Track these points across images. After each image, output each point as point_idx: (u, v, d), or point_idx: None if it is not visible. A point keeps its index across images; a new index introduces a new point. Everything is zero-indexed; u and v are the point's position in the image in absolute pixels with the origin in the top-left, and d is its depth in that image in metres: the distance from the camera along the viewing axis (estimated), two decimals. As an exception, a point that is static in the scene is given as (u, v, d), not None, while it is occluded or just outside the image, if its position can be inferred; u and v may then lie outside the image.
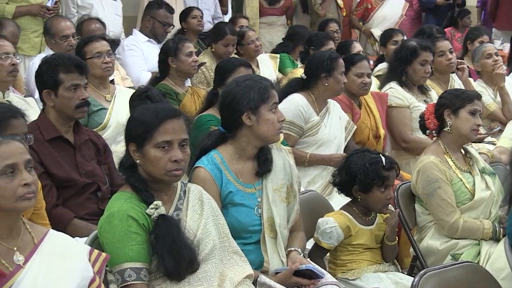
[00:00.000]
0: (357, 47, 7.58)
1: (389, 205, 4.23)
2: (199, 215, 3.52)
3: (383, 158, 4.18)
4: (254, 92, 3.84)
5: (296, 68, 7.90)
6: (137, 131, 3.41)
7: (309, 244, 4.27)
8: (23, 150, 3.00)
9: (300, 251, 3.94)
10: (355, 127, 5.90)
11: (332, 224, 4.16)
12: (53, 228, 3.36)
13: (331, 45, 7.66)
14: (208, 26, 8.92)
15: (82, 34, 7.09)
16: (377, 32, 10.02)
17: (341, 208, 4.31)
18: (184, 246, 3.34)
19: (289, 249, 3.93)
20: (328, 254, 4.28)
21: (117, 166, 3.91)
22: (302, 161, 5.54)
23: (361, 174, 4.16)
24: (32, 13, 7.61)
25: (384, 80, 6.58)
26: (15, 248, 3.00)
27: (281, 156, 4.03)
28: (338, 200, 4.56)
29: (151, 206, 3.36)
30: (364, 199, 4.21)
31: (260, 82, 3.91)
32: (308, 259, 4.02)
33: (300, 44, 8.43)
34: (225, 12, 10.15)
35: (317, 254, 4.22)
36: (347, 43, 7.85)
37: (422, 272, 3.67)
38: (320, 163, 5.57)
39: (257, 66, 7.94)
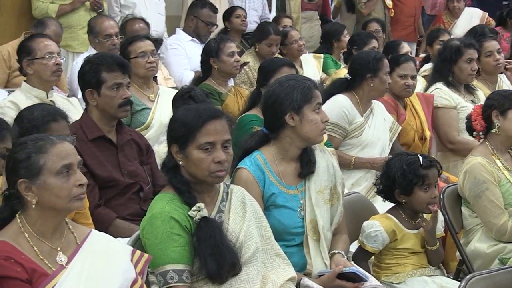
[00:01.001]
0: (406, 48, 7.49)
1: (434, 206, 4.16)
2: (242, 217, 3.50)
3: (420, 158, 4.12)
4: (297, 92, 3.81)
5: (339, 69, 7.84)
6: (180, 132, 3.39)
7: (353, 247, 4.24)
8: (75, 151, 3.05)
9: (343, 254, 3.90)
10: (400, 128, 5.83)
11: (377, 227, 4.10)
12: (95, 228, 3.40)
13: (374, 43, 7.58)
14: (254, 26, 8.89)
15: (126, 33, 7.12)
16: None
17: (387, 211, 4.26)
18: (226, 249, 3.32)
19: (332, 251, 3.89)
20: (372, 257, 4.22)
21: (159, 167, 3.90)
22: (347, 164, 5.48)
23: (400, 176, 4.11)
24: (76, 8, 7.66)
25: (430, 81, 6.51)
26: (58, 248, 3.02)
27: (325, 158, 3.99)
28: (383, 202, 4.49)
29: (194, 208, 3.34)
30: (409, 202, 4.15)
31: (303, 82, 3.87)
32: (352, 262, 3.98)
33: (335, 41, 8.39)
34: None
35: (362, 257, 4.17)
36: (395, 43, 7.76)
37: (468, 276, 3.61)
38: (365, 167, 5.51)
39: (301, 66, 7.90)
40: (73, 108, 5.43)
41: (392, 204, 4.27)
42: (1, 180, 3.64)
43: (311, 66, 8.03)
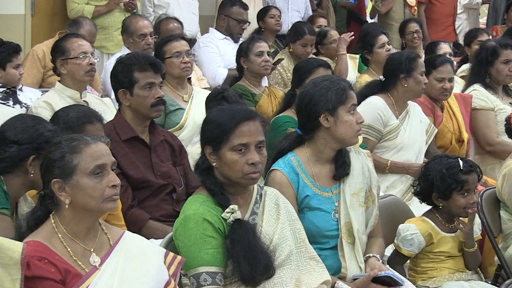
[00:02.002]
0: (444, 48, 7.41)
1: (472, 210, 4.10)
2: (276, 219, 3.48)
3: (461, 162, 4.06)
4: (332, 93, 3.77)
5: (362, 73, 7.78)
6: (213, 134, 3.38)
7: (388, 251, 4.19)
8: (109, 151, 3.05)
9: (379, 257, 3.86)
10: (436, 130, 5.77)
11: (413, 231, 4.05)
12: (128, 229, 3.40)
13: (384, 39, 7.48)
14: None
15: (160, 33, 7.13)
16: None
17: (423, 214, 4.20)
18: (260, 252, 3.30)
19: (367, 255, 3.84)
20: (408, 261, 4.17)
21: (192, 168, 3.89)
22: (382, 168, 5.43)
23: (438, 180, 4.06)
24: (111, 9, 7.68)
25: (468, 82, 6.46)
26: (92, 249, 3.03)
27: (360, 159, 3.95)
28: (418, 205, 4.44)
29: (227, 210, 3.32)
30: (446, 206, 4.09)
31: (338, 82, 3.84)
32: (387, 266, 3.94)
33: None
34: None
35: (397, 260, 4.12)
36: (433, 43, 7.67)
37: (507, 281, 3.60)
38: (400, 172, 5.46)
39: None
40: (107, 108, 5.44)
41: (429, 207, 4.21)
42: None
43: (346, 67, 7.99)
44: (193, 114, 5.54)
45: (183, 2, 8.46)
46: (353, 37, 7.99)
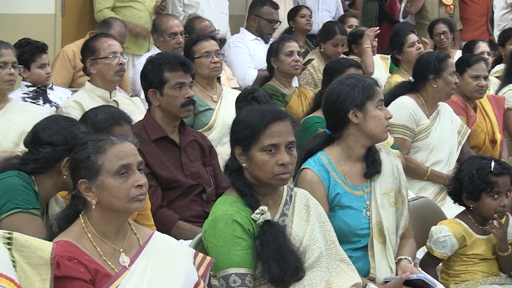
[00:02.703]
0: (482, 47, 7.33)
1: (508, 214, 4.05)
2: (306, 221, 3.46)
3: (493, 163, 4.02)
4: (358, 89, 3.77)
5: (393, 73, 7.73)
6: (243, 134, 3.36)
7: (419, 253, 4.15)
8: (136, 151, 3.05)
9: (410, 260, 3.82)
10: (469, 130, 5.72)
11: (446, 233, 4.01)
12: (157, 230, 3.40)
13: (414, 38, 7.42)
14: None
15: (190, 32, 7.13)
16: None
17: (456, 216, 4.16)
18: (289, 253, 3.28)
19: (399, 257, 3.81)
20: (440, 264, 4.13)
21: (222, 168, 3.87)
22: (421, 175, 5.41)
23: (467, 180, 4.03)
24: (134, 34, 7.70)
25: (502, 82, 6.40)
26: (121, 250, 3.04)
27: (390, 160, 3.93)
28: (451, 207, 4.40)
29: (257, 211, 3.31)
30: (476, 207, 4.05)
31: (363, 79, 3.84)
32: (419, 268, 3.91)
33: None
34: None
35: (429, 263, 4.08)
36: (471, 42, 7.60)
37: (544, 286, 3.50)
38: (438, 181, 5.42)
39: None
40: (136, 108, 5.45)
41: (461, 209, 4.17)
42: None
43: (378, 67, 7.93)
44: (223, 114, 5.54)
45: (213, 2, 8.47)
46: (378, 31, 7.95)
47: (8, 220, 3.40)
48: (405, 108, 5.42)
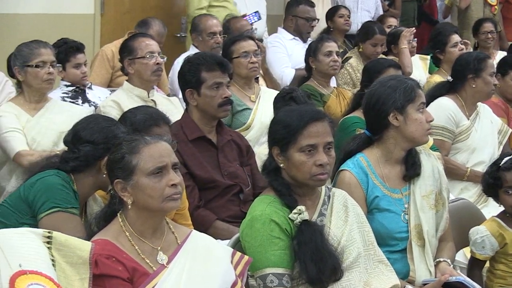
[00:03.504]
0: None
1: None
2: (344, 221, 3.44)
3: (505, 159, 3.99)
4: (399, 92, 3.74)
5: (433, 73, 7.67)
6: (281, 135, 3.36)
7: (459, 256, 4.14)
8: (171, 151, 3.06)
9: (449, 262, 3.79)
10: (511, 130, 5.66)
11: (483, 233, 3.97)
12: (195, 230, 3.38)
13: (457, 38, 7.35)
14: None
15: (229, 32, 7.14)
16: None
17: (495, 215, 4.11)
18: (327, 253, 3.26)
19: (438, 259, 3.78)
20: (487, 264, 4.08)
21: (259, 168, 3.87)
22: (461, 175, 5.37)
23: (483, 179, 4.06)
24: None
25: None
26: (159, 248, 3.04)
27: (430, 161, 3.90)
28: (495, 207, 4.34)
29: (295, 211, 3.30)
30: (503, 205, 4.02)
31: (405, 81, 3.81)
32: (459, 271, 3.88)
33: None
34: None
35: (474, 266, 4.03)
36: None
37: None
38: (479, 181, 5.33)
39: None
40: (174, 107, 5.47)
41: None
42: None
43: (417, 67, 7.87)
44: (260, 114, 5.52)
45: (250, 2, 8.49)
46: (415, 30, 7.90)
47: (47, 219, 3.43)
48: (444, 109, 5.37)
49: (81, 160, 3.57)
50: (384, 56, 7.38)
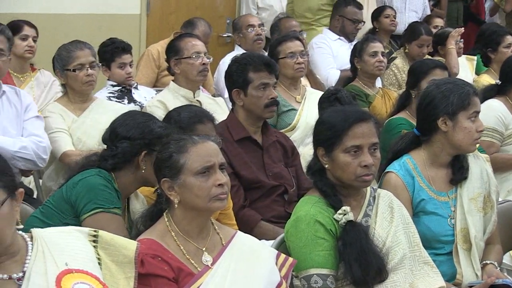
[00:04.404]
0: None
1: None
2: (389, 222, 3.42)
3: None
4: (454, 97, 3.69)
5: (480, 74, 7.59)
6: (326, 135, 3.35)
7: (506, 258, 4.05)
8: (218, 151, 3.07)
9: (496, 265, 3.76)
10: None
11: None
12: (239, 230, 3.41)
13: (510, 39, 7.24)
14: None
15: (277, 31, 7.16)
16: None
17: None
18: (372, 254, 3.24)
19: (484, 262, 3.75)
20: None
21: (304, 169, 3.86)
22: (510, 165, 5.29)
23: None
24: None
25: None
26: (204, 248, 3.05)
27: (478, 164, 3.86)
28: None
29: (339, 211, 3.28)
30: None
31: (462, 87, 3.75)
32: (505, 274, 3.83)
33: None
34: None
35: None
36: None
37: None
38: None
39: (452, 68, 7.70)
40: (219, 108, 5.48)
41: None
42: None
43: (463, 68, 7.80)
44: (306, 115, 5.52)
45: (284, 3, 8.52)
46: (463, 31, 7.82)
47: (90, 220, 3.44)
48: (493, 111, 5.29)
49: (119, 157, 3.58)
50: (430, 57, 7.33)
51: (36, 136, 4.55)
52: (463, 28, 8.00)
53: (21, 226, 2.58)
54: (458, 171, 3.77)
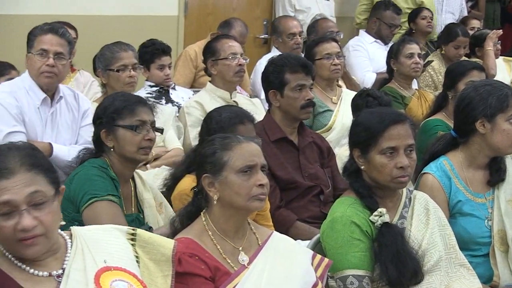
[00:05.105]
0: None
1: None
2: (425, 224, 3.41)
3: None
4: (492, 99, 3.67)
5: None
6: (362, 137, 3.35)
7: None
8: (261, 153, 3.10)
9: (534, 266, 3.73)
10: None
11: None
12: (275, 230, 3.42)
13: None
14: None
15: (314, 32, 7.16)
16: None
17: None
18: (408, 256, 3.24)
19: (521, 263, 3.73)
20: None
21: (340, 170, 3.86)
22: None
23: None
24: None
25: None
26: (240, 248, 3.07)
27: (515, 165, 3.84)
28: None
29: (375, 213, 3.29)
30: None
31: (500, 89, 3.73)
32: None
33: None
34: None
35: None
36: None
37: None
38: None
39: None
40: (255, 108, 5.49)
41: None
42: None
43: (500, 69, 7.75)
44: (342, 116, 5.52)
45: (322, 5, 8.55)
46: (501, 32, 7.77)
47: (87, 211, 3.52)
48: None
49: (94, 143, 3.72)
50: (466, 59, 7.29)
51: (91, 145, 4.62)
52: (501, 30, 7.96)
53: (64, 223, 2.63)
54: (495, 173, 3.75)
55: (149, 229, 3.50)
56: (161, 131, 3.88)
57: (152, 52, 5.92)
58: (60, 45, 4.53)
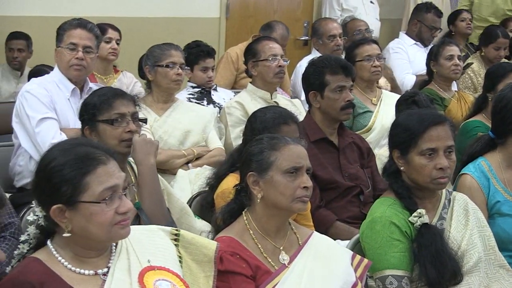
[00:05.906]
0: None
1: None
2: (464, 225, 3.42)
3: None
4: None
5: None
6: (401, 138, 3.37)
7: None
8: (307, 156, 3.11)
9: None
10: None
11: None
12: (315, 230, 3.45)
13: None
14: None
15: (347, 33, 7.17)
16: None
17: None
18: (447, 257, 3.25)
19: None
20: None
21: (379, 170, 3.87)
22: None
23: None
24: None
25: None
26: (281, 248, 3.09)
27: (554, 167, 3.83)
28: None
29: (415, 214, 3.30)
30: None
31: None
32: None
33: None
34: None
35: None
36: None
37: None
38: None
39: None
40: (296, 109, 5.47)
41: None
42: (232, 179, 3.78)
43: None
44: (381, 117, 5.51)
45: (368, 7, 8.53)
46: None
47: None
48: None
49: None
50: (506, 60, 7.24)
51: None
52: None
53: None
54: None
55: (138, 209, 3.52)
56: (144, 121, 3.89)
57: (196, 54, 5.97)
58: (89, 39, 4.67)
